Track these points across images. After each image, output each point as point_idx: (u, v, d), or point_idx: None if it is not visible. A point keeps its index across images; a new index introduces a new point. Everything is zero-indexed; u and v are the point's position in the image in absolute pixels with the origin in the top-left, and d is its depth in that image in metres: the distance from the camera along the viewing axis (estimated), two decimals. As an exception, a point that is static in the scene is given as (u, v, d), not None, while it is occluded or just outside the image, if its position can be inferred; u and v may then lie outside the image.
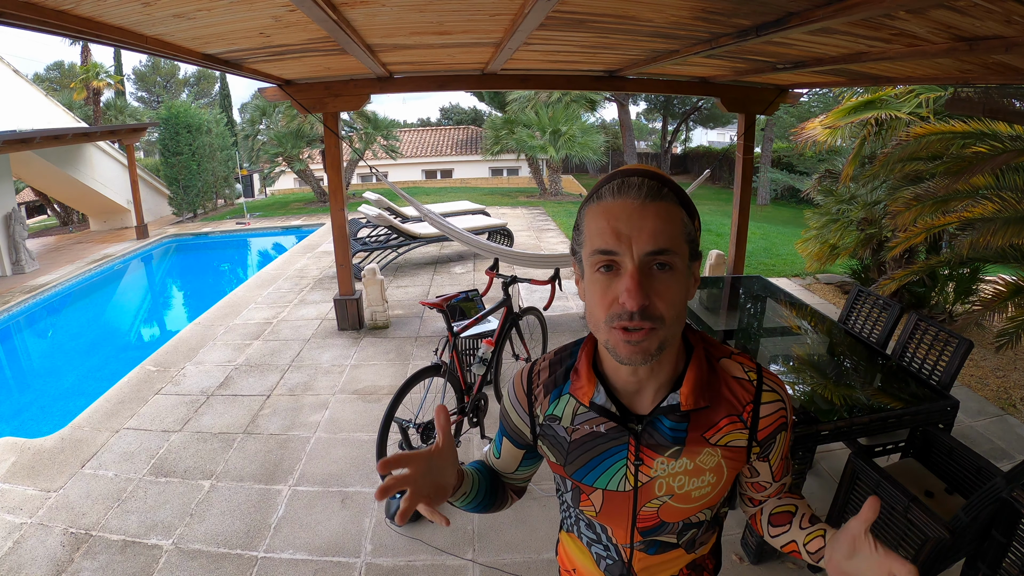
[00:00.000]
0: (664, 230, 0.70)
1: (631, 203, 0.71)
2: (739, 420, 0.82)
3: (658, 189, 0.72)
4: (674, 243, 0.71)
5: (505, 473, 1.03)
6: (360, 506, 2.77)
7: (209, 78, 26.96)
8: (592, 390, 0.83)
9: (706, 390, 0.81)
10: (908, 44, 2.51)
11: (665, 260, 0.70)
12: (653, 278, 0.70)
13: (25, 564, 2.41)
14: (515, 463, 1.00)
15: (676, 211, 0.72)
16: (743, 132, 4.96)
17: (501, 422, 0.99)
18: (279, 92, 4.43)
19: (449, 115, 32.22)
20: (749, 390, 0.83)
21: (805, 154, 11.23)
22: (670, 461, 0.82)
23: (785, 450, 0.90)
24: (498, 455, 1.02)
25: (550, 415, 0.89)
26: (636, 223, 0.70)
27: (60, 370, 5.85)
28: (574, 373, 0.86)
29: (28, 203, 15.14)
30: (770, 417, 0.84)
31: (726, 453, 0.83)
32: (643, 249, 0.69)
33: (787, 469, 0.93)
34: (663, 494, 0.84)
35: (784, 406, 0.85)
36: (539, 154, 13.97)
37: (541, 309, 3.61)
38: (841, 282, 6.44)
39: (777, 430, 0.85)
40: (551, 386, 0.89)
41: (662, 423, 0.82)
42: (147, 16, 2.27)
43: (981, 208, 3.71)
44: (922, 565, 1.81)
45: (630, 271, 0.70)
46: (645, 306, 0.70)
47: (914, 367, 2.73)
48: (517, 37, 2.76)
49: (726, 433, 0.83)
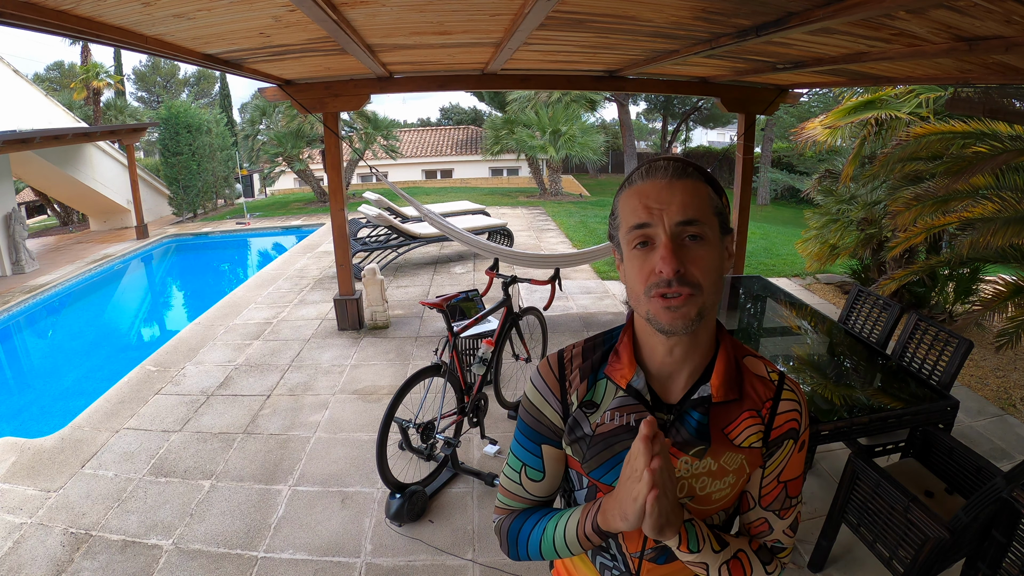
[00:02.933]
0: (691, 202, 0.75)
1: (659, 182, 0.76)
2: (758, 416, 0.83)
3: (683, 168, 0.77)
4: (702, 214, 0.75)
5: (551, 493, 0.95)
6: (360, 506, 2.77)
7: (209, 78, 26.96)
8: (632, 373, 0.83)
9: (734, 384, 0.82)
10: (908, 44, 2.51)
11: (695, 231, 0.74)
12: (686, 248, 0.74)
13: (25, 564, 2.41)
14: (562, 468, 0.93)
15: (702, 187, 0.77)
16: (743, 132, 4.96)
17: (531, 432, 0.91)
18: (279, 92, 4.43)
19: (449, 115, 32.22)
20: (770, 388, 0.84)
21: (805, 154, 11.23)
22: (694, 461, 0.82)
23: (788, 471, 0.86)
24: (542, 475, 0.92)
25: (587, 401, 0.86)
26: (665, 197, 0.75)
27: (60, 370, 5.85)
28: (614, 355, 0.86)
29: (28, 203, 15.14)
30: (784, 416, 0.84)
31: (747, 455, 0.83)
32: (673, 219, 0.74)
33: (780, 502, 0.87)
34: (683, 495, 0.83)
35: (799, 411, 0.85)
36: (539, 154, 13.98)
37: (541, 309, 3.61)
38: (841, 282, 6.44)
39: (786, 435, 0.84)
40: (588, 370, 0.87)
41: (691, 417, 0.81)
42: (147, 16, 2.27)
43: (981, 208, 3.72)
44: (922, 565, 1.81)
45: (663, 241, 0.74)
46: (680, 272, 0.73)
47: (914, 367, 2.73)
48: (517, 37, 2.76)
49: (746, 429, 0.82)
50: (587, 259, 5.35)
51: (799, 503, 0.90)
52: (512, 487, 0.94)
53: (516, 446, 0.94)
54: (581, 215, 11.30)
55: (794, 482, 0.88)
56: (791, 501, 0.88)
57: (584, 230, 9.60)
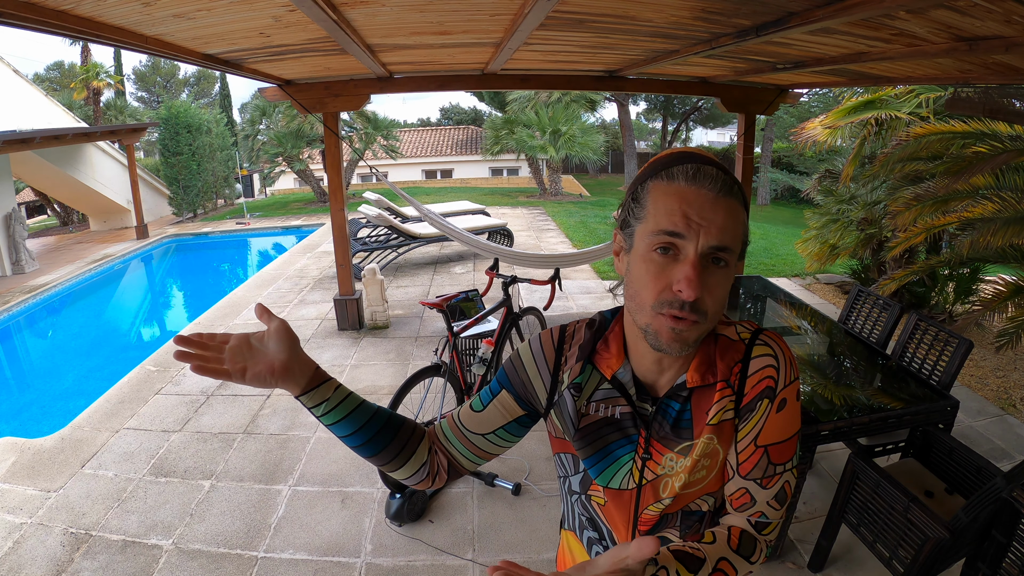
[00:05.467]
0: (730, 227, 0.71)
1: (706, 193, 0.70)
2: (728, 386, 0.77)
3: (730, 186, 0.72)
4: (735, 242, 0.71)
5: (473, 431, 0.89)
6: (360, 506, 2.77)
7: (209, 78, 26.96)
8: (619, 364, 0.82)
9: (712, 367, 0.78)
10: (908, 44, 2.52)
11: (724, 257, 0.71)
12: (708, 272, 0.70)
13: (25, 564, 2.41)
14: (500, 421, 0.88)
15: (741, 211, 0.73)
16: (743, 132, 4.96)
17: (503, 373, 0.90)
18: (279, 92, 4.43)
19: (449, 115, 32.20)
20: (739, 350, 0.78)
21: (805, 154, 11.24)
22: (679, 458, 0.79)
23: (767, 434, 0.77)
24: (481, 407, 0.89)
25: (576, 383, 0.84)
26: (708, 215, 0.69)
27: (60, 370, 5.85)
28: (603, 343, 0.84)
29: (28, 203, 15.14)
30: (757, 376, 0.77)
31: (718, 432, 0.78)
32: (710, 242, 0.69)
33: (762, 469, 0.78)
34: (666, 495, 0.81)
35: (775, 367, 0.77)
36: (539, 154, 13.97)
37: (541, 309, 3.61)
38: (841, 282, 6.43)
39: (760, 395, 0.77)
40: (584, 352, 0.85)
41: (671, 408, 0.80)
42: (147, 16, 2.28)
43: (981, 208, 3.72)
44: (922, 565, 1.82)
45: (691, 260, 0.69)
46: (699, 299, 0.70)
47: (914, 367, 2.73)
48: (517, 37, 2.76)
49: (716, 404, 0.77)
50: (587, 259, 5.35)
51: (787, 472, 0.79)
52: (456, 412, 0.93)
53: (483, 391, 0.92)
54: (581, 215, 11.30)
55: (778, 447, 0.77)
56: (775, 468, 0.78)
57: (584, 230, 9.60)
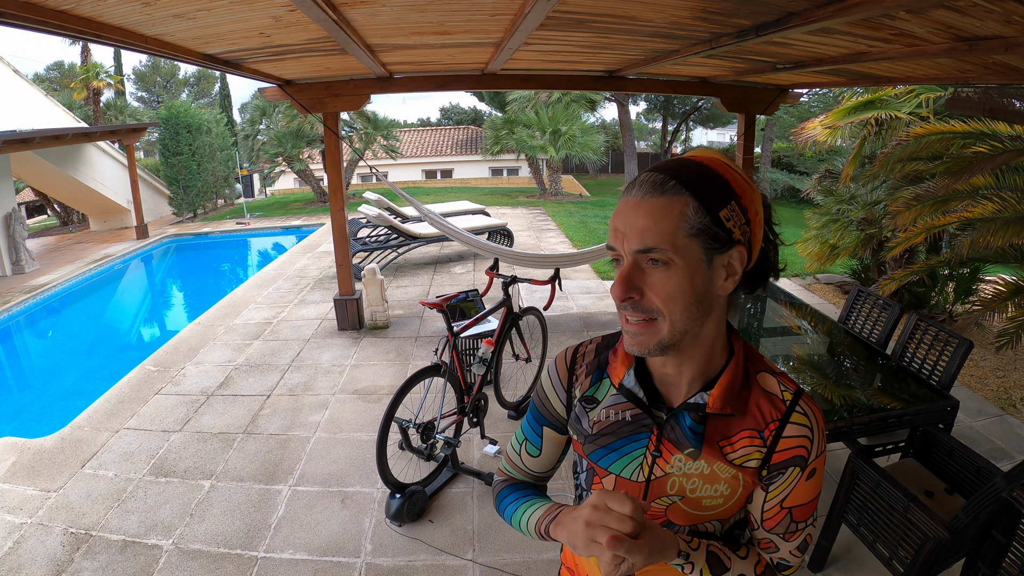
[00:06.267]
0: (652, 228, 0.69)
1: (630, 200, 0.72)
2: (759, 437, 0.78)
3: (662, 184, 0.70)
4: (664, 240, 0.69)
5: (545, 470, 1.00)
6: (360, 506, 2.77)
7: (209, 78, 26.96)
8: (624, 372, 0.84)
9: (735, 398, 0.78)
10: (908, 44, 2.52)
11: (657, 256, 0.70)
12: (647, 273, 0.72)
13: (25, 564, 2.41)
14: (558, 452, 0.99)
15: (676, 205, 0.69)
16: (743, 132, 4.96)
17: (535, 411, 0.97)
18: (279, 92, 4.43)
19: (449, 115, 32.19)
20: (779, 408, 0.78)
21: (805, 154, 11.23)
22: (687, 460, 0.80)
23: (793, 498, 0.80)
24: (538, 452, 0.98)
25: (588, 396, 0.88)
26: (630, 221, 0.71)
27: (60, 370, 5.85)
28: (612, 353, 0.88)
29: (28, 203, 15.14)
30: (791, 441, 0.78)
31: (743, 472, 0.80)
32: (632, 247, 0.71)
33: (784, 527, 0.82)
34: (674, 492, 0.82)
35: (810, 438, 0.78)
36: (539, 154, 13.98)
37: (541, 309, 3.61)
38: (841, 282, 6.44)
39: (791, 461, 0.78)
40: (594, 367, 0.89)
41: (684, 419, 0.80)
42: (147, 16, 2.28)
43: (981, 208, 3.72)
44: (922, 565, 1.82)
45: (622, 267, 0.73)
46: (632, 299, 0.72)
47: (914, 367, 2.73)
48: (517, 37, 2.77)
49: (743, 449, 0.79)
50: (587, 259, 5.36)
51: (808, 526, 0.84)
52: (513, 457, 1.02)
53: (524, 422, 1.00)
54: (581, 215, 11.30)
55: (801, 508, 0.81)
56: (797, 526, 0.82)
57: (584, 230, 9.60)
